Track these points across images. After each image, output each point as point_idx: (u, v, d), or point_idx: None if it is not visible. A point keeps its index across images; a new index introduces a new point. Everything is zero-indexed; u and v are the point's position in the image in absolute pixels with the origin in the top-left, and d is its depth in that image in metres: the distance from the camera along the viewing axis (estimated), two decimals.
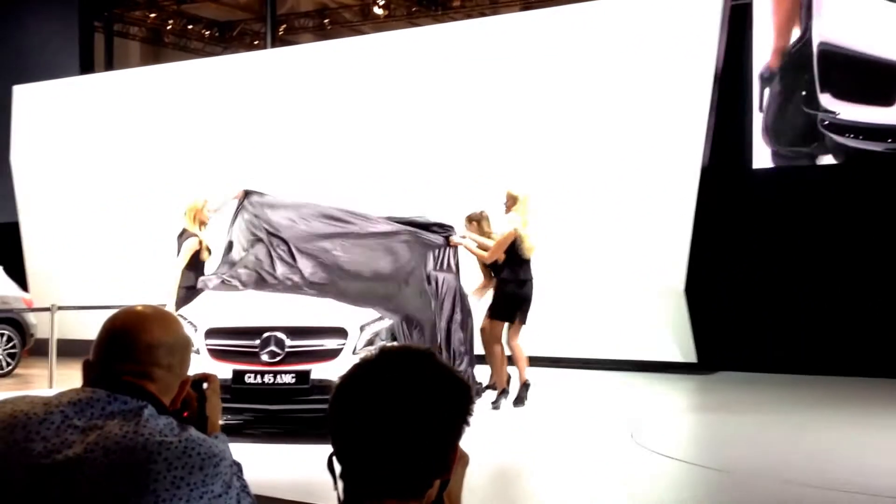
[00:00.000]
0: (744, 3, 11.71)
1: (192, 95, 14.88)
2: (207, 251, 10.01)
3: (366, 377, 1.45)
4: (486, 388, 9.13)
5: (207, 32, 20.86)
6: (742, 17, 11.67)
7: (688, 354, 11.24)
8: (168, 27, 20.75)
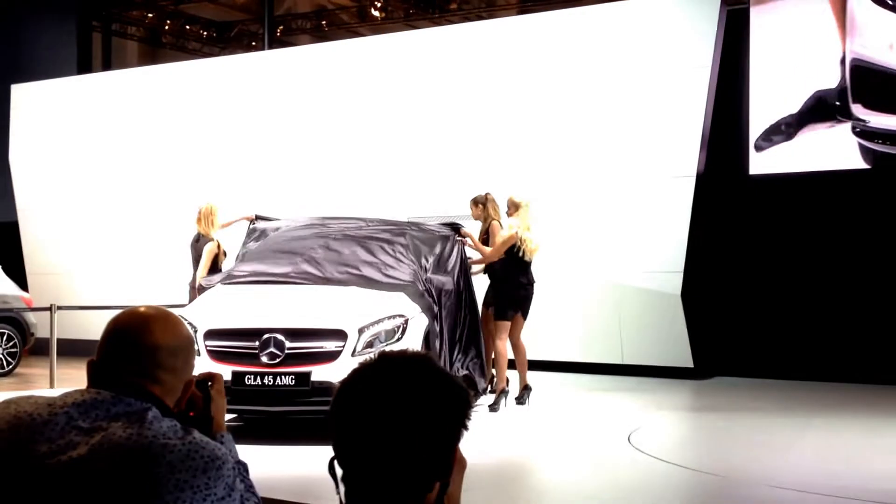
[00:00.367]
0: (740, 9, 11.74)
1: (190, 96, 14.88)
2: (224, 254, 10.14)
3: (365, 382, 1.46)
4: (485, 391, 9.22)
5: (205, 33, 20.87)
6: (739, 23, 11.71)
7: (684, 359, 11.23)
8: (166, 27, 20.76)
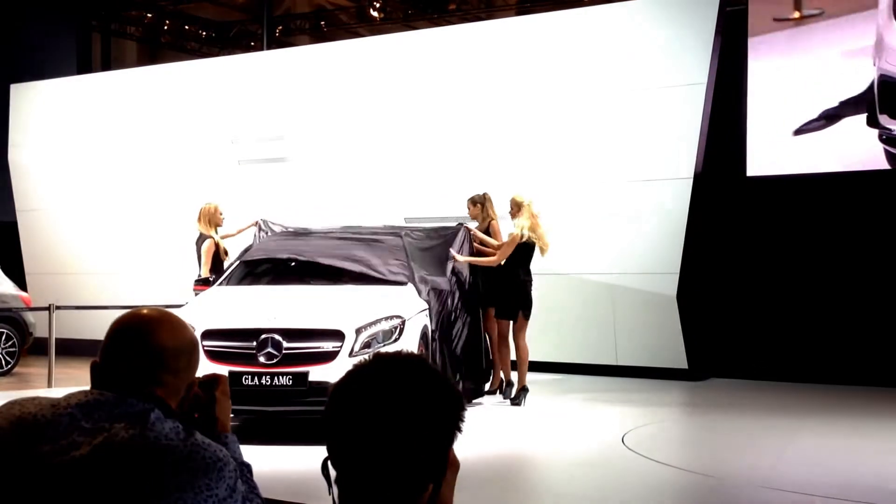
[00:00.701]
0: (739, 10, 11.77)
1: (189, 96, 14.89)
2: (225, 252, 10.17)
3: (359, 383, 1.46)
4: (491, 391, 9.66)
5: (204, 33, 20.88)
6: (737, 24, 11.73)
7: (678, 361, 11.22)
8: (165, 27, 20.77)
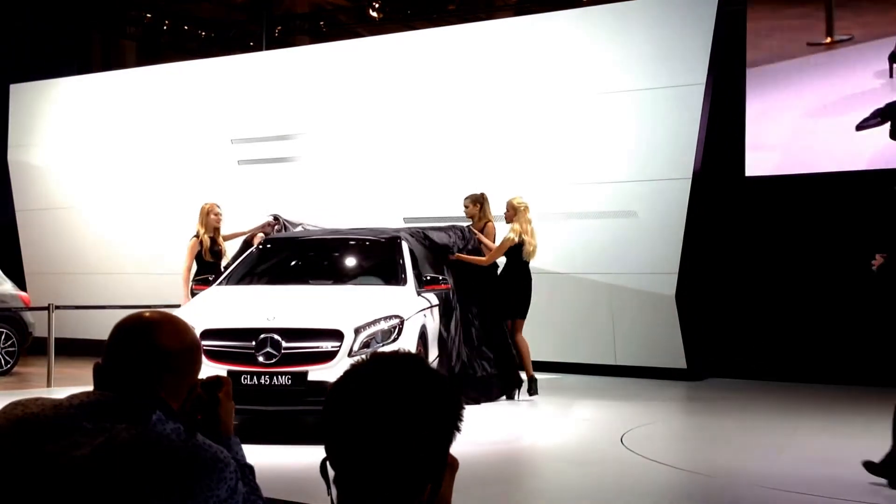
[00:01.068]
0: (737, 10, 11.78)
1: (189, 96, 14.91)
2: (209, 253, 10.08)
3: (358, 383, 1.46)
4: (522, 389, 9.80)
5: (203, 33, 20.88)
6: (735, 24, 11.74)
7: (677, 361, 11.24)
8: (164, 27, 20.78)
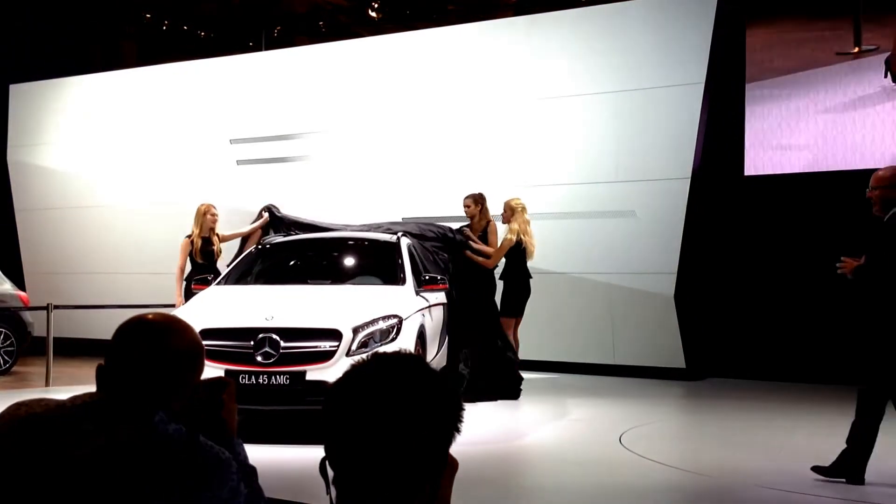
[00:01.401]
0: (736, 9, 11.75)
1: (189, 96, 14.93)
2: (200, 253, 10.12)
3: (358, 383, 1.46)
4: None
5: (203, 33, 20.92)
6: (734, 23, 11.76)
7: (676, 360, 11.25)
8: (164, 28, 20.81)
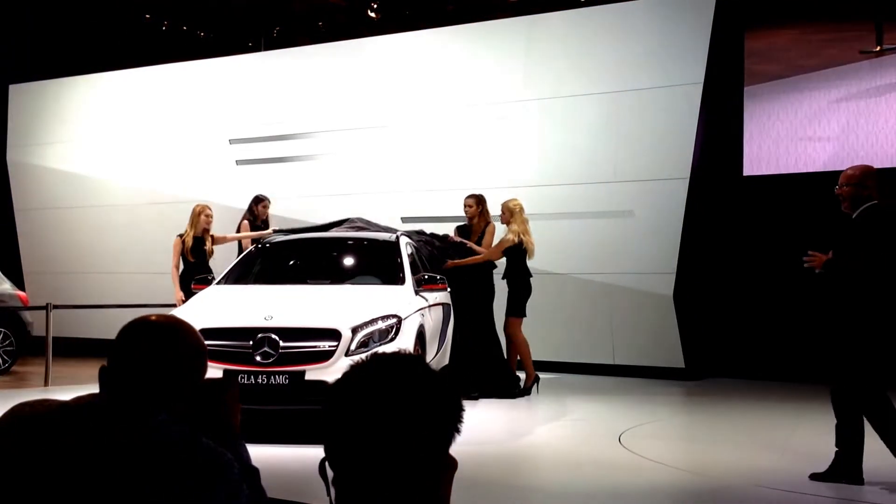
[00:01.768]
0: (735, 9, 11.78)
1: (189, 96, 14.95)
2: (190, 252, 10.17)
3: (358, 383, 1.46)
4: (526, 389, 9.91)
5: (202, 34, 20.92)
6: (733, 23, 11.77)
7: (675, 360, 11.27)
8: (163, 28, 20.81)
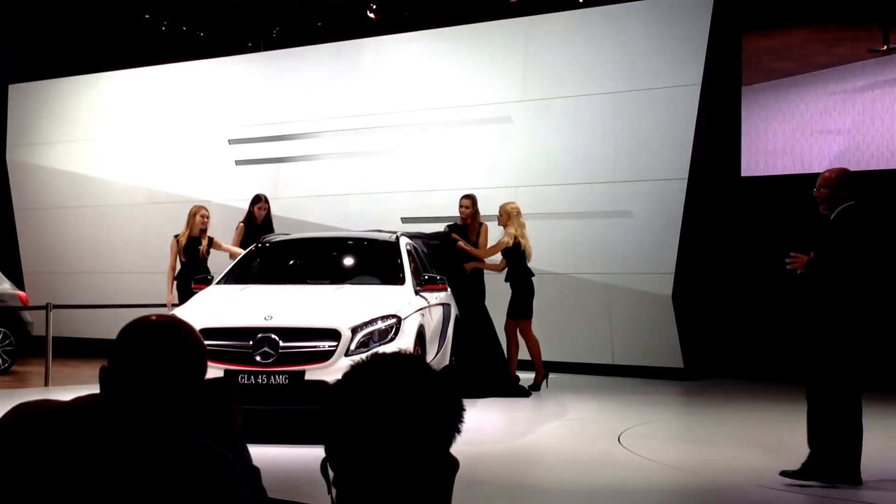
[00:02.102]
0: (733, 9, 11.79)
1: (188, 96, 14.95)
2: (183, 253, 10.20)
3: (358, 384, 1.46)
4: (534, 386, 10.02)
5: (202, 34, 20.93)
6: (731, 24, 11.78)
7: (674, 360, 11.27)
8: (163, 28, 20.82)
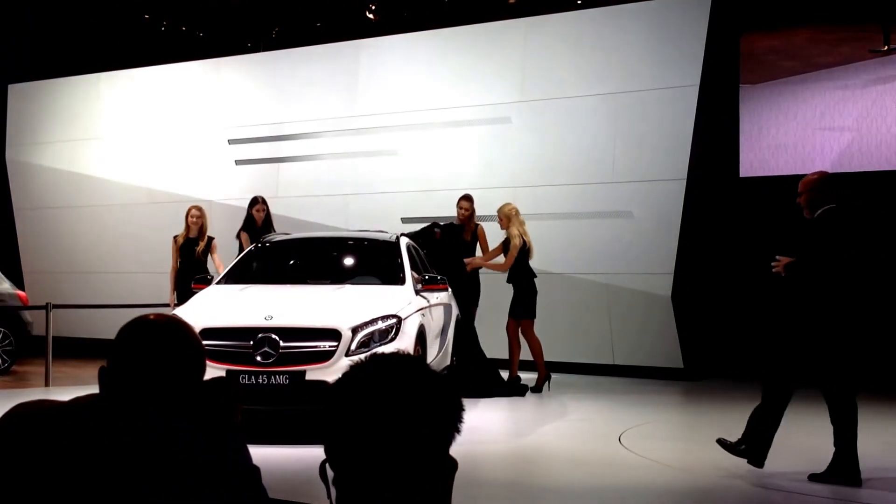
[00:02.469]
0: (731, 10, 11.79)
1: (188, 96, 14.97)
2: (178, 252, 10.23)
3: (357, 384, 1.46)
4: (536, 387, 10.07)
5: (202, 34, 20.94)
6: (730, 24, 11.77)
7: (674, 360, 11.28)
8: (163, 28, 20.83)
